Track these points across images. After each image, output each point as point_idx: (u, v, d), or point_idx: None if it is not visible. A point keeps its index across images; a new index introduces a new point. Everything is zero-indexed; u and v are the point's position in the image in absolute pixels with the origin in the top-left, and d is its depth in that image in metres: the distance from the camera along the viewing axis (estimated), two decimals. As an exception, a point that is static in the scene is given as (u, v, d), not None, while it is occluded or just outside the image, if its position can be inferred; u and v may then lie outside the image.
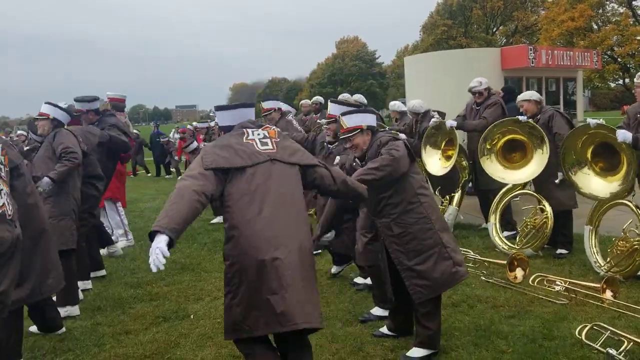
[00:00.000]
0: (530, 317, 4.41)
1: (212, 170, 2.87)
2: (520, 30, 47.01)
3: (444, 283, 3.77)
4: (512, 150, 6.53)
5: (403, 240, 3.77)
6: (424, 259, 3.74)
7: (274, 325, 2.77)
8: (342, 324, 4.47)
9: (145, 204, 11.69)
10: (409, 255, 3.76)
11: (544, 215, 6.08)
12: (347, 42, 66.69)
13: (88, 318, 4.91)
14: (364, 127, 3.85)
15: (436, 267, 3.72)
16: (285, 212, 2.89)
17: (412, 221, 3.74)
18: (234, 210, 2.86)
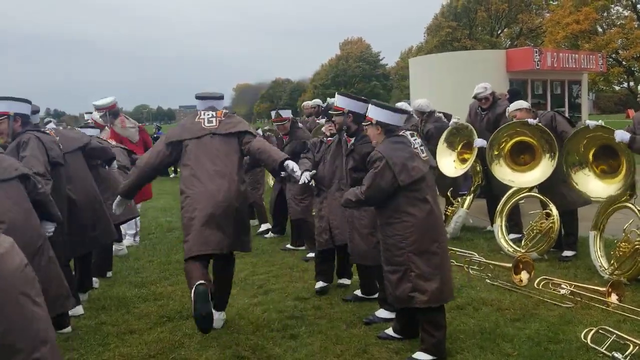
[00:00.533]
0: (536, 320, 4.40)
1: (171, 142, 4.42)
2: (524, 33, 46.90)
3: (402, 300, 3.85)
4: (521, 152, 6.51)
5: (382, 245, 3.95)
6: (393, 270, 3.87)
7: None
8: (347, 326, 4.46)
9: (149, 204, 11.66)
10: (386, 261, 3.92)
11: (550, 220, 6.06)
12: (350, 43, 66.70)
13: (92, 317, 4.91)
14: (374, 121, 3.98)
15: (398, 284, 3.82)
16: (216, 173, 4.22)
17: (389, 234, 3.86)
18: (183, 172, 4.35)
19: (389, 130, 3.96)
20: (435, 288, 3.74)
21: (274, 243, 7.50)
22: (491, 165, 6.56)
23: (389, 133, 3.96)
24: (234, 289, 5.49)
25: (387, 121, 3.95)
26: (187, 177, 4.26)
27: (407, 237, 3.76)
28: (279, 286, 5.57)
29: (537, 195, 6.45)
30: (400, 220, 3.78)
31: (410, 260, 3.76)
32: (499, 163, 6.55)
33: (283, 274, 6.01)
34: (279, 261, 6.53)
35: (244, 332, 4.40)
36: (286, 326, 4.49)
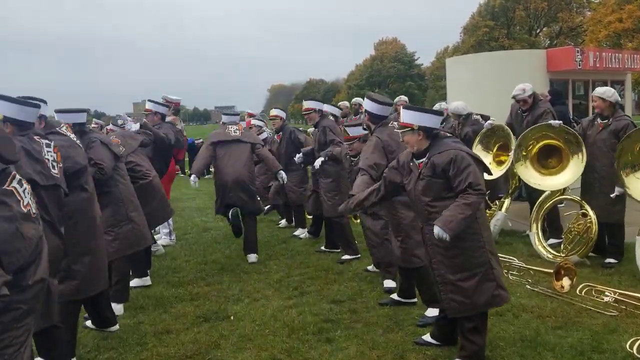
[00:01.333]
0: (578, 329, 4.26)
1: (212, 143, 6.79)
2: (564, 32, 45.93)
3: (482, 305, 3.67)
4: (548, 156, 6.35)
5: (450, 253, 3.65)
6: (468, 276, 3.63)
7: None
8: (383, 331, 4.40)
9: (185, 204, 11.83)
10: (454, 269, 3.66)
11: (587, 220, 5.90)
12: (385, 43, 66.39)
13: (131, 317, 4.98)
14: (415, 127, 3.74)
15: (479, 286, 3.62)
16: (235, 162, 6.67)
17: (463, 236, 3.59)
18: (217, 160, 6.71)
19: (433, 135, 3.77)
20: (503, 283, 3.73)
21: (308, 244, 7.48)
22: (516, 163, 6.42)
23: (434, 137, 3.77)
24: (269, 290, 5.52)
25: (431, 125, 3.76)
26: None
27: (482, 232, 3.66)
28: (314, 288, 5.55)
29: (570, 197, 6.29)
30: (474, 218, 3.62)
31: (489, 258, 3.65)
32: (524, 164, 6.43)
33: (318, 276, 5.98)
34: (314, 263, 6.51)
35: (279, 335, 4.39)
36: (321, 329, 4.46)
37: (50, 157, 3.47)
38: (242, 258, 6.89)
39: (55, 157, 3.51)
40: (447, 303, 3.70)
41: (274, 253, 7.09)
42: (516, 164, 6.46)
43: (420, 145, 3.79)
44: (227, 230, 8.67)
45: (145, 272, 5.96)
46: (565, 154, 6.16)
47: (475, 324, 3.69)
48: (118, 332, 4.59)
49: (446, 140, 3.79)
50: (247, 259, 6.78)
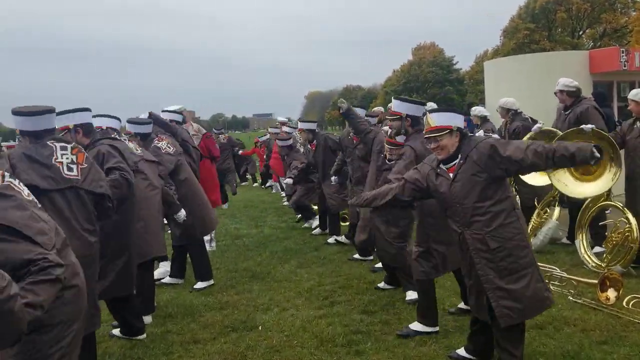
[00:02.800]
0: (625, 344, 4.00)
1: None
2: (608, 33, 44.62)
3: (535, 308, 3.50)
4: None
5: (497, 256, 3.45)
6: (517, 278, 3.44)
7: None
8: (415, 344, 4.22)
9: (219, 210, 11.82)
10: (502, 273, 3.45)
11: (626, 228, 5.59)
12: (423, 48, 65.80)
13: (159, 325, 4.92)
14: (454, 128, 3.58)
15: (529, 288, 3.43)
16: None
17: (509, 236, 3.44)
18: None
19: (464, 135, 3.64)
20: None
21: (340, 252, 7.34)
22: (554, 172, 6.13)
23: (463, 137, 3.63)
24: (299, 300, 5.40)
25: (462, 124, 3.66)
26: None
27: (525, 232, 3.56)
28: (345, 298, 5.40)
29: (613, 203, 5.98)
30: (517, 217, 3.50)
31: (534, 258, 3.54)
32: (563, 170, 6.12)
33: (350, 285, 5.83)
34: (346, 271, 6.36)
35: (307, 347, 4.26)
36: (351, 341, 4.31)
37: (66, 159, 3.42)
38: (273, 266, 6.80)
39: (75, 159, 3.45)
40: (499, 311, 3.45)
41: (305, 261, 6.97)
42: (552, 174, 6.15)
43: (454, 147, 3.62)
44: (259, 238, 8.63)
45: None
46: (604, 159, 5.86)
47: (514, 335, 3.50)
48: (145, 341, 4.54)
49: (474, 136, 3.69)
50: (279, 267, 6.69)
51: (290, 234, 8.83)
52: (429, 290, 4.45)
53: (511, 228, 3.45)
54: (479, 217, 3.47)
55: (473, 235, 3.49)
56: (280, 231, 9.16)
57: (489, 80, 12.10)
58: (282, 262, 6.97)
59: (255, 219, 10.59)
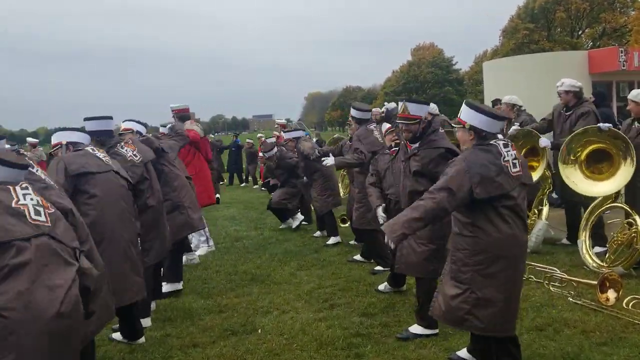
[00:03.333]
0: (626, 345, 3.99)
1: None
2: (608, 33, 44.57)
3: (453, 320, 3.58)
4: (599, 161, 6.04)
5: (450, 256, 3.62)
6: (453, 285, 3.54)
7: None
8: (415, 346, 4.21)
9: (219, 212, 11.83)
10: (449, 273, 3.59)
11: (632, 230, 5.58)
12: (422, 48, 65.82)
13: (158, 329, 4.91)
14: (467, 125, 3.56)
15: (454, 300, 3.51)
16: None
17: (458, 247, 3.54)
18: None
19: (482, 137, 3.56)
20: (492, 315, 3.40)
21: (340, 254, 7.33)
22: (565, 168, 6.13)
23: (481, 140, 3.56)
24: (299, 302, 5.39)
25: (484, 127, 3.53)
26: None
27: (475, 255, 3.43)
28: (345, 301, 5.39)
29: (621, 205, 5.97)
30: (472, 235, 3.44)
31: (474, 281, 3.43)
32: (574, 168, 6.13)
33: (349, 287, 5.82)
34: (346, 274, 6.35)
35: (307, 350, 4.25)
36: (351, 344, 4.30)
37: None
38: (272, 268, 6.79)
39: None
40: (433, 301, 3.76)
41: (305, 263, 6.96)
42: (564, 167, 6.15)
43: (469, 145, 3.61)
44: (259, 240, 8.62)
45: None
46: (616, 158, 5.86)
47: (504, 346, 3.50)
48: (144, 345, 4.53)
49: (479, 146, 3.55)
50: (279, 270, 6.68)
51: (290, 236, 8.82)
52: (431, 290, 4.40)
53: (461, 240, 3.51)
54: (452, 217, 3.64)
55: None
56: (280, 233, 9.15)
57: (488, 81, 12.10)
58: (281, 265, 6.96)
59: (255, 221, 10.58)
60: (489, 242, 3.40)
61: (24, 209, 2.63)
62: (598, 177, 6.08)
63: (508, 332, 3.48)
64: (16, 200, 2.64)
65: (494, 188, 3.36)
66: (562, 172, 6.20)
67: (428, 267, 4.41)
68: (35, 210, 2.67)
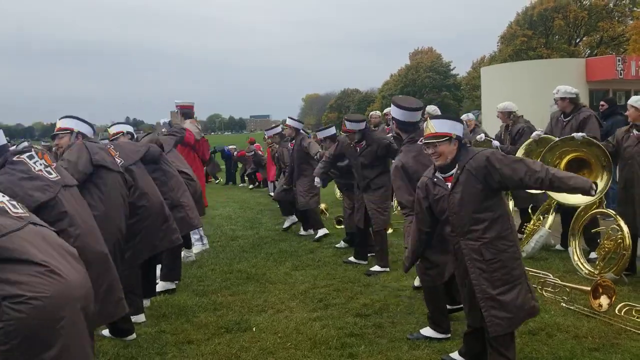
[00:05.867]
0: (617, 351, 4.02)
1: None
2: (605, 41, 44.81)
3: (523, 316, 3.55)
4: (579, 169, 6.08)
5: (491, 267, 3.49)
6: (509, 289, 3.48)
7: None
8: (409, 347, 4.23)
9: (215, 211, 11.83)
10: (495, 284, 3.49)
11: (619, 235, 5.62)
12: (421, 53, 65.99)
13: (153, 325, 4.92)
14: (453, 135, 3.61)
15: (519, 298, 3.49)
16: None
17: (504, 248, 3.49)
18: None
19: (462, 144, 3.67)
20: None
21: (335, 255, 7.35)
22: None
23: (463, 146, 3.66)
24: (294, 302, 5.41)
25: (462, 134, 3.68)
26: None
27: (517, 244, 3.59)
28: (340, 301, 5.41)
29: (606, 211, 6.02)
30: (511, 229, 3.56)
31: (524, 269, 3.61)
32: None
33: (344, 288, 5.84)
34: (341, 274, 6.37)
35: (301, 349, 4.27)
36: (345, 344, 4.32)
37: (41, 165, 3.38)
38: (268, 268, 6.80)
39: (45, 162, 3.41)
40: (490, 320, 3.49)
41: (300, 263, 6.97)
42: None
43: (452, 155, 3.64)
44: (254, 240, 8.64)
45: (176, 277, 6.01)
46: (595, 166, 5.91)
47: (505, 339, 3.53)
48: (139, 341, 4.54)
49: (471, 147, 3.71)
50: (274, 269, 6.70)
51: (286, 236, 8.83)
52: (438, 296, 4.43)
53: (506, 240, 3.50)
54: (475, 227, 3.51)
55: (469, 245, 3.53)
56: (276, 233, 9.16)
57: (485, 86, 12.17)
58: (277, 264, 6.98)
59: (251, 221, 10.59)
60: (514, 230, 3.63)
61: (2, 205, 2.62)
62: None
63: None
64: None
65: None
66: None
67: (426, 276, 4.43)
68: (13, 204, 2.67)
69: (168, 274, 6.00)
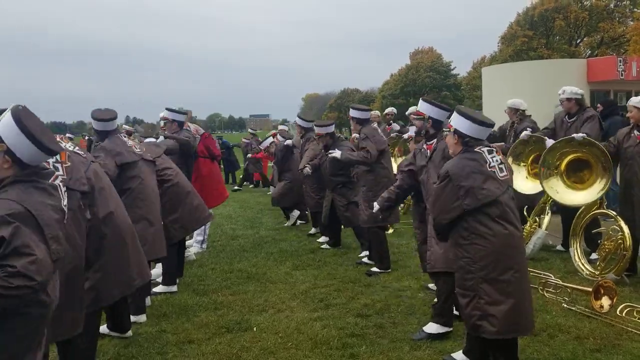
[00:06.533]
0: (619, 352, 4.02)
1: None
2: (606, 42, 44.76)
3: (469, 326, 3.58)
4: (579, 170, 6.08)
5: (455, 265, 3.67)
6: (461, 294, 3.60)
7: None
8: (410, 348, 4.23)
9: (215, 211, 11.78)
10: (456, 282, 3.66)
11: (619, 235, 5.61)
12: (421, 53, 65.85)
13: (154, 324, 4.91)
14: (452, 128, 3.72)
15: (466, 308, 3.55)
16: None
17: (459, 255, 3.59)
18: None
19: (466, 143, 3.66)
20: (504, 315, 3.42)
21: (336, 255, 7.34)
22: (546, 180, 6.17)
23: (466, 146, 3.66)
24: (294, 302, 5.40)
25: (467, 132, 3.63)
26: None
27: (478, 260, 3.47)
28: (340, 301, 5.40)
29: (606, 211, 6.01)
30: (470, 242, 3.49)
31: (479, 286, 3.47)
32: (555, 179, 6.21)
33: (345, 288, 5.83)
34: (342, 274, 6.36)
35: (302, 349, 4.26)
36: (346, 344, 4.31)
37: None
38: (268, 267, 6.79)
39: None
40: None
41: (301, 263, 6.96)
42: (546, 181, 6.20)
43: (455, 150, 3.73)
44: (254, 239, 8.62)
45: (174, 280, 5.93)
46: (595, 166, 5.90)
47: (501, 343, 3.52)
48: (139, 340, 4.53)
49: (464, 154, 3.64)
50: (274, 269, 6.69)
51: (286, 236, 8.82)
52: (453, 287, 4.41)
53: (461, 250, 3.55)
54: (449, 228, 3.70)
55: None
56: (276, 233, 9.15)
57: (486, 87, 12.14)
58: (277, 264, 6.97)
59: (251, 220, 10.58)
60: (487, 247, 3.44)
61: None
62: (577, 186, 6.13)
63: (523, 332, 3.59)
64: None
65: (483, 196, 3.44)
66: (544, 182, 6.22)
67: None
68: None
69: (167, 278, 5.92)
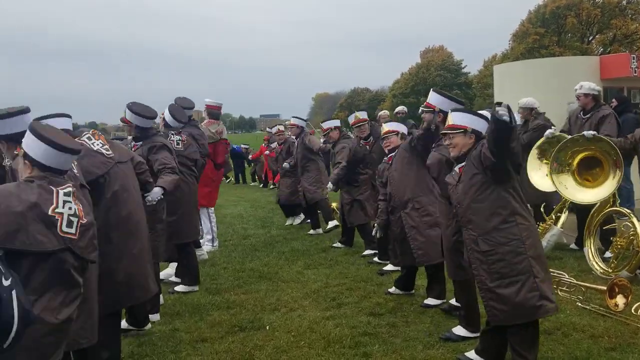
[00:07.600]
0: (635, 351, 3.98)
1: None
2: (619, 39, 44.38)
3: (525, 314, 3.48)
4: (591, 167, 6.01)
5: (489, 259, 3.51)
6: (508, 283, 3.47)
7: None
8: (423, 347, 4.21)
9: (227, 210, 11.86)
10: (492, 276, 3.51)
11: (631, 232, 5.56)
12: (432, 51, 65.74)
13: (167, 323, 4.94)
14: (469, 129, 3.66)
15: (519, 295, 3.44)
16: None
17: (503, 241, 3.47)
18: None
19: (479, 139, 3.69)
20: (552, 291, 3.51)
21: (348, 254, 7.34)
22: (558, 177, 6.11)
23: (479, 140, 3.69)
24: (306, 301, 5.40)
25: (482, 130, 3.68)
26: None
27: (525, 239, 3.48)
28: (353, 300, 5.40)
29: (620, 209, 5.96)
30: (514, 223, 3.48)
31: (532, 266, 3.45)
32: (567, 176, 6.13)
33: (357, 287, 5.83)
34: (353, 273, 6.36)
35: (314, 347, 4.26)
36: (358, 343, 4.31)
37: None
38: (280, 266, 6.81)
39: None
40: (488, 310, 3.57)
41: (312, 262, 6.97)
42: (555, 175, 6.15)
43: (466, 148, 3.70)
44: (266, 239, 8.64)
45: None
46: (606, 164, 5.86)
47: (526, 336, 3.51)
48: (153, 339, 4.56)
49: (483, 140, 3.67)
50: (286, 268, 6.70)
51: (298, 235, 8.83)
52: (471, 292, 4.34)
53: (506, 233, 3.48)
54: (473, 218, 3.57)
55: (469, 235, 3.60)
56: (287, 232, 9.17)
57: (498, 85, 12.06)
58: (289, 263, 6.98)
59: (263, 220, 10.60)
60: (527, 224, 3.53)
61: (58, 218, 2.65)
62: (588, 184, 6.08)
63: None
64: (54, 207, 2.65)
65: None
66: (554, 176, 6.18)
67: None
68: (69, 221, 2.69)
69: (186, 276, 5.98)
